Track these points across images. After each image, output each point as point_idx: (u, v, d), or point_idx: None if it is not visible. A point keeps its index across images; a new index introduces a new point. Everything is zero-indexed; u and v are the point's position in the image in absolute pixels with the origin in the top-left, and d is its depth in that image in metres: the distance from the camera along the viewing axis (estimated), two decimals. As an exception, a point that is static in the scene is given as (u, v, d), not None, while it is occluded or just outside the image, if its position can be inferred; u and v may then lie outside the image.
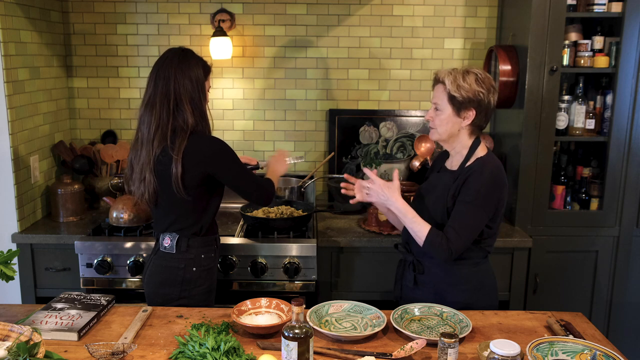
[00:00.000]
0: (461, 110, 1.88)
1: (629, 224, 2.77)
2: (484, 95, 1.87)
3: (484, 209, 1.86)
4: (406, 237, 2.06)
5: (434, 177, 2.07)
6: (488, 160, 1.91)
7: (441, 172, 2.04)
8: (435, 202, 1.96)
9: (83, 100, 3.19)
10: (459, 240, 1.85)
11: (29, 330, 1.47)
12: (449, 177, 1.96)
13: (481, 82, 1.87)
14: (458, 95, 1.86)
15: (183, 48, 2.04)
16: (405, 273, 2.07)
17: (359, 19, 3.11)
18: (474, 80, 1.86)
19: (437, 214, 1.94)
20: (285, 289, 2.50)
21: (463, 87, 1.85)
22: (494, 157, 1.95)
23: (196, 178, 1.97)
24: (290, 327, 1.43)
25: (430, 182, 2.07)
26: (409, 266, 2.04)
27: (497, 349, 1.38)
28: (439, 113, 1.92)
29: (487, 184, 1.86)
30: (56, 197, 2.78)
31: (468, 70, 1.89)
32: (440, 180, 2.00)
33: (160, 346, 1.65)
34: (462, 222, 1.86)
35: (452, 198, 1.90)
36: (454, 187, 1.91)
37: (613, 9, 2.62)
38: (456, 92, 1.86)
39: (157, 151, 1.96)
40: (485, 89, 1.87)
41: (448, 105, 1.89)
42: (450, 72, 1.89)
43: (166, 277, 2.06)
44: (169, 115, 1.95)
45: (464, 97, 1.86)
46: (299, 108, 3.20)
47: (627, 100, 2.66)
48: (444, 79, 1.89)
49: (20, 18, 2.64)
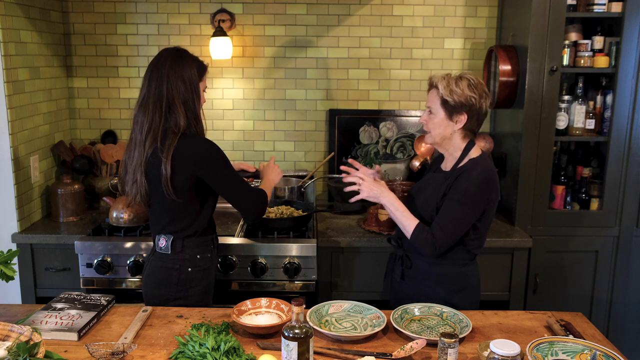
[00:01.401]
0: (453, 114, 1.93)
1: (629, 224, 2.77)
2: (475, 101, 1.91)
3: (471, 208, 1.90)
4: (399, 232, 2.11)
5: (428, 176, 2.12)
6: (479, 162, 1.95)
7: (436, 173, 2.09)
8: (426, 201, 2.00)
9: (83, 100, 3.19)
10: (443, 236, 1.90)
11: (29, 330, 1.47)
12: (442, 178, 2.01)
13: (474, 88, 1.91)
14: (450, 100, 1.91)
15: (178, 48, 2.02)
16: (395, 267, 2.13)
17: (359, 19, 3.11)
18: (466, 86, 1.91)
19: (427, 212, 1.98)
20: (285, 289, 2.50)
21: (456, 92, 1.90)
22: (486, 159, 1.98)
23: (186, 180, 1.96)
24: (290, 327, 1.43)
25: (423, 181, 2.13)
26: (398, 260, 2.10)
27: (497, 349, 1.38)
28: (432, 116, 1.97)
29: (476, 183, 1.90)
30: (56, 197, 2.78)
31: (461, 76, 1.94)
32: (433, 180, 2.05)
33: (160, 346, 1.65)
34: (448, 219, 1.91)
35: (443, 197, 1.95)
36: (445, 186, 1.95)
37: (613, 9, 2.62)
38: (449, 96, 1.91)
39: (149, 152, 1.95)
40: (477, 94, 1.91)
41: (441, 109, 1.94)
42: (444, 77, 1.94)
43: (162, 278, 2.06)
44: (161, 117, 1.94)
45: (456, 101, 1.91)
46: (299, 108, 3.20)
47: (627, 100, 2.66)
48: (437, 83, 1.94)
49: (20, 18, 2.64)
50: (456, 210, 1.90)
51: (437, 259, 1.99)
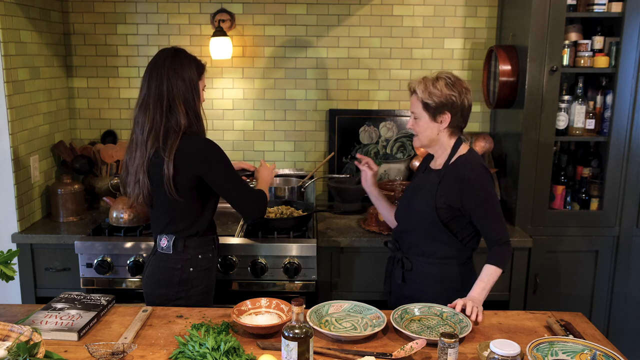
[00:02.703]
0: (436, 115, 1.96)
1: (629, 224, 2.77)
2: (456, 98, 1.93)
3: (494, 194, 1.97)
4: (396, 234, 2.14)
5: (420, 177, 2.13)
6: (470, 157, 2.00)
7: (426, 173, 2.11)
8: (423, 201, 2.01)
9: (83, 100, 3.19)
10: (505, 233, 1.97)
11: (29, 330, 1.47)
12: (435, 176, 2.03)
13: (451, 86, 1.94)
14: (431, 102, 1.94)
15: (176, 48, 2.02)
16: (394, 270, 2.13)
17: (359, 19, 3.11)
18: (444, 85, 1.93)
19: (426, 212, 1.99)
20: (285, 289, 2.50)
21: (434, 93, 1.93)
22: (475, 153, 2.04)
23: (188, 180, 1.96)
24: (290, 327, 1.43)
25: (416, 183, 2.14)
26: (398, 263, 2.10)
27: (497, 349, 1.38)
28: (417, 121, 2.00)
29: (478, 177, 1.95)
30: (56, 197, 2.78)
31: (438, 77, 1.97)
32: (426, 180, 2.07)
33: (160, 346, 1.65)
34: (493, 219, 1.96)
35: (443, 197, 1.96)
36: (443, 185, 1.97)
37: (613, 9, 2.62)
38: (428, 98, 1.94)
39: (151, 152, 1.96)
40: (456, 91, 1.94)
41: (424, 112, 1.97)
42: (421, 81, 1.97)
43: (163, 278, 2.06)
44: (162, 117, 1.94)
45: (436, 102, 1.93)
46: (299, 108, 3.20)
47: (627, 100, 2.66)
48: (415, 88, 1.98)
49: (20, 18, 2.64)
50: (488, 208, 1.94)
51: (438, 259, 2.01)
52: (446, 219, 1.97)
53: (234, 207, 2.11)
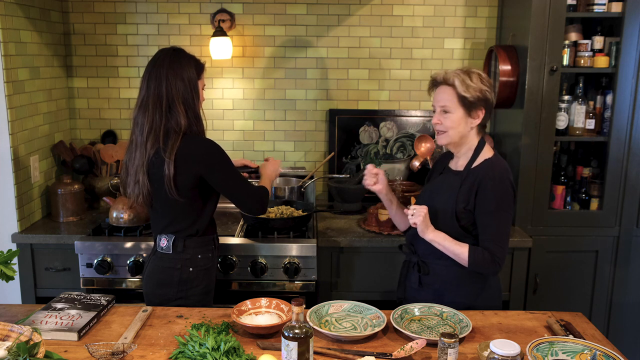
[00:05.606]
0: (472, 111, 1.88)
1: (629, 224, 2.77)
2: (489, 94, 1.88)
3: (508, 211, 1.87)
4: (411, 237, 2.05)
5: (439, 179, 2.04)
6: (496, 163, 1.91)
7: (445, 174, 2.03)
8: (442, 204, 1.94)
9: (83, 100, 3.19)
10: (500, 249, 1.86)
11: (29, 330, 1.47)
12: (455, 179, 1.95)
13: (485, 81, 1.89)
14: (469, 96, 1.85)
15: (175, 48, 2.02)
16: (410, 274, 2.06)
17: (359, 19, 3.11)
18: (478, 80, 1.87)
19: (447, 216, 1.92)
20: (285, 289, 2.50)
21: (472, 86, 1.85)
22: (501, 159, 1.95)
23: (189, 180, 1.96)
24: (290, 327, 1.43)
25: (435, 184, 2.05)
26: (413, 267, 2.03)
27: (497, 349, 1.38)
28: (448, 115, 1.89)
29: (503, 187, 1.86)
30: (56, 197, 2.78)
31: (470, 70, 1.89)
32: (446, 182, 1.98)
33: (160, 346, 1.65)
34: (496, 231, 1.86)
35: (463, 202, 1.89)
36: (464, 190, 1.90)
37: (613, 9, 2.62)
38: (466, 92, 1.85)
39: (151, 153, 1.96)
40: (489, 87, 1.89)
41: (459, 107, 1.88)
42: (457, 73, 1.88)
43: (163, 278, 2.06)
44: (162, 117, 1.94)
45: (474, 96, 1.85)
46: (299, 108, 3.20)
47: (627, 100, 2.66)
48: (453, 80, 1.87)
49: (20, 18, 2.64)
50: (498, 219, 1.86)
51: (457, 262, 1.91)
52: (466, 223, 1.90)
53: (236, 204, 2.11)
